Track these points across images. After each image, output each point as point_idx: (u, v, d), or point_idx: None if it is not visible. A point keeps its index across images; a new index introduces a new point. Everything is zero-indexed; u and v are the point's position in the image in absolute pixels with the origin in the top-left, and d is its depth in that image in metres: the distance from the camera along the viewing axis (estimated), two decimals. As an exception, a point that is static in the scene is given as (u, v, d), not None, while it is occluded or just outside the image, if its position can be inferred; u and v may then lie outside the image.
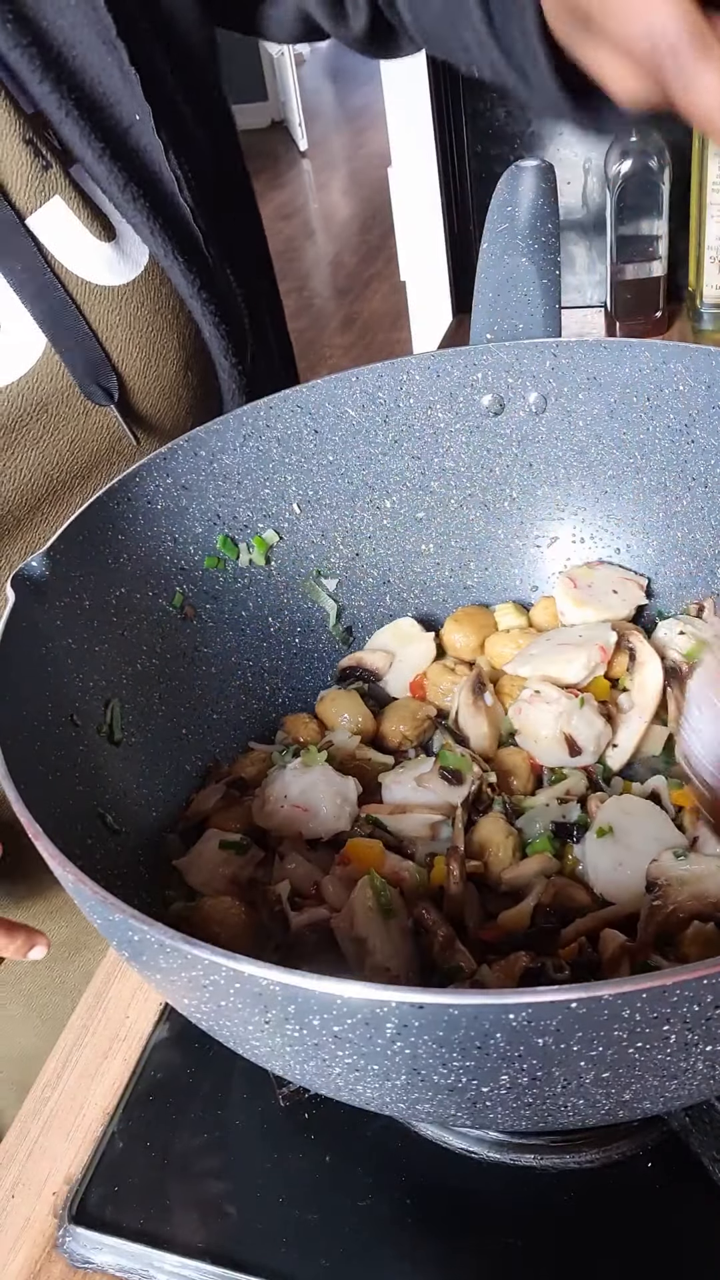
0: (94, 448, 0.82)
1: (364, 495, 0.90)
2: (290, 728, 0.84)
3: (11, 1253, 0.67)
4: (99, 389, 0.79)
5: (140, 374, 0.82)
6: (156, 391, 0.84)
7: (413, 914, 0.64)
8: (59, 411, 0.79)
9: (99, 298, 0.79)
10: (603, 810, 0.71)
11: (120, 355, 0.81)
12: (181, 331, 0.85)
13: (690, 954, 0.61)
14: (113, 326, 0.80)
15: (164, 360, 0.84)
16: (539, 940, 0.66)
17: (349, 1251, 0.63)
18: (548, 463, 0.91)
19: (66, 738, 0.67)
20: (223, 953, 0.43)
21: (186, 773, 0.80)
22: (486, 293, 0.86)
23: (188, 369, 0.86)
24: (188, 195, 0.83)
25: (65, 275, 0.78)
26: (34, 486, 0.80)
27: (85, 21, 0.76)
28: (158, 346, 0.83)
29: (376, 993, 0.40)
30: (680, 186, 1.39)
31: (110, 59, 0.77)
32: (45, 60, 0.76)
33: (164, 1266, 0.64)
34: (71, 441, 0.81)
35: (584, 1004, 0.39)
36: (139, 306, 0.81)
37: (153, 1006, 0.78)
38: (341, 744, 0.80)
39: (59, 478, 0.81)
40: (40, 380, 0.77)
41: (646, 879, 0.66)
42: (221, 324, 0.87)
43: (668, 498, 0.88)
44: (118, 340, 0.80)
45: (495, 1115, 0.48)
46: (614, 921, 0.65)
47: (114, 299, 0.80)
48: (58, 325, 0.77)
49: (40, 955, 0.74)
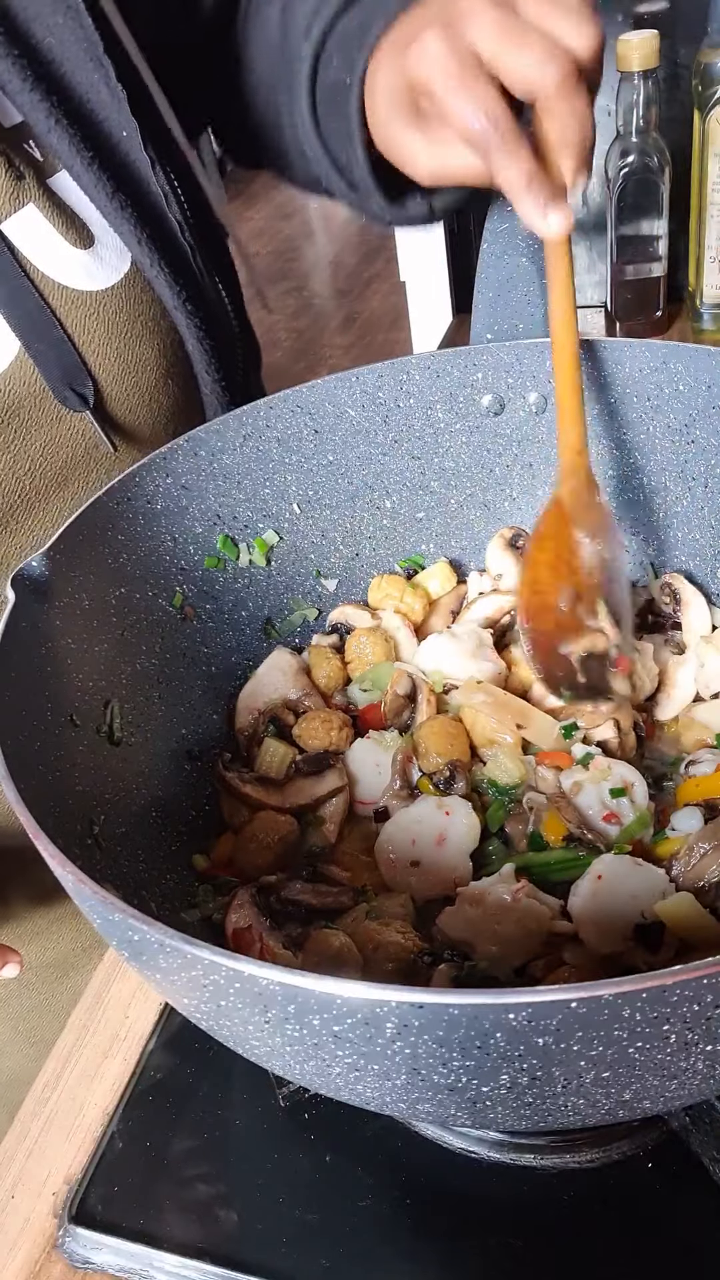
0: (68, 454, 0.81)
1: (364, 495, 0.90)
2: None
3: (11, 1253, 0.67)
4: (73, 394, 0.78)
5: (118, 380, 0.81)
6: (135, 399, 0.83)
7: None
8: (31, 416, 0.78)
9: (76, 303, 0.79)
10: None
11: (97, 361, 0.80)
12: (162, 340, 0.84)
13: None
14: (90, 331, 0.79)
15: (143, 368, 0.83)
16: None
17: (349, 1251, 0.63)
18: (548, 463, 0.91)
19: (66, 738, 0.67)
20: (223, 952, 0.43)
21: (186, 772, 0.80)
22: (486, 293, 0.86)
23: (168, 378, 0.85)
24: (175, 210, 0.83)
25: (41, 280, 0.77)
26: (6, 492, 0.78)
27: (73, 39, 0.76)
28: (137, 353, 0.82)
29: (376, 992, 0.40)
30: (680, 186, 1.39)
31: (97, 75, 0.78)
32: (35, 71, 0.76)
33: (164, 1266, 0.64)
34: (44, 447, 0.79)
35: (584, 1004, 0.39)
36: (117, 313, 0.81)
37: (153, 1006, 0.78)
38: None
39: (32, 484, 0.79)
40: (13, 384, 0.76)
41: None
42: (206, 338, 0.86)
43: (668, 498, 0.88)
44: (95, 345, 0.80)
45: (495, 1115, 0.48)
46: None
47: (92, 304, 0.79)
48: (31, 329, 0.76)
49: (14, 974, 0.74)
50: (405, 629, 0.88)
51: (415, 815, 0.74)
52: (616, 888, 0.66)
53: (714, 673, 0.83)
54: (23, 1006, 0.98)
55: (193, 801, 0.79)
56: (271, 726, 0.82)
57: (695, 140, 1.32)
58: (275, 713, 0.83)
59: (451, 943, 0.67)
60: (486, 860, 0.74)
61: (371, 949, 0.66)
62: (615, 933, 0.65)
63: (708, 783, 0.74)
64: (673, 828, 0.72)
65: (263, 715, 0.83)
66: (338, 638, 0.89)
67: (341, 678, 0.87)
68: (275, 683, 0.84)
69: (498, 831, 0.75)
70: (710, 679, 0.83)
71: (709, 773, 0.75)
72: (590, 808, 0.72)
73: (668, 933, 0.65)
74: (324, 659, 0.86)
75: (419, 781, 0.78)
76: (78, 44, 0.77)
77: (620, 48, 1.29)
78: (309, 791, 0.78)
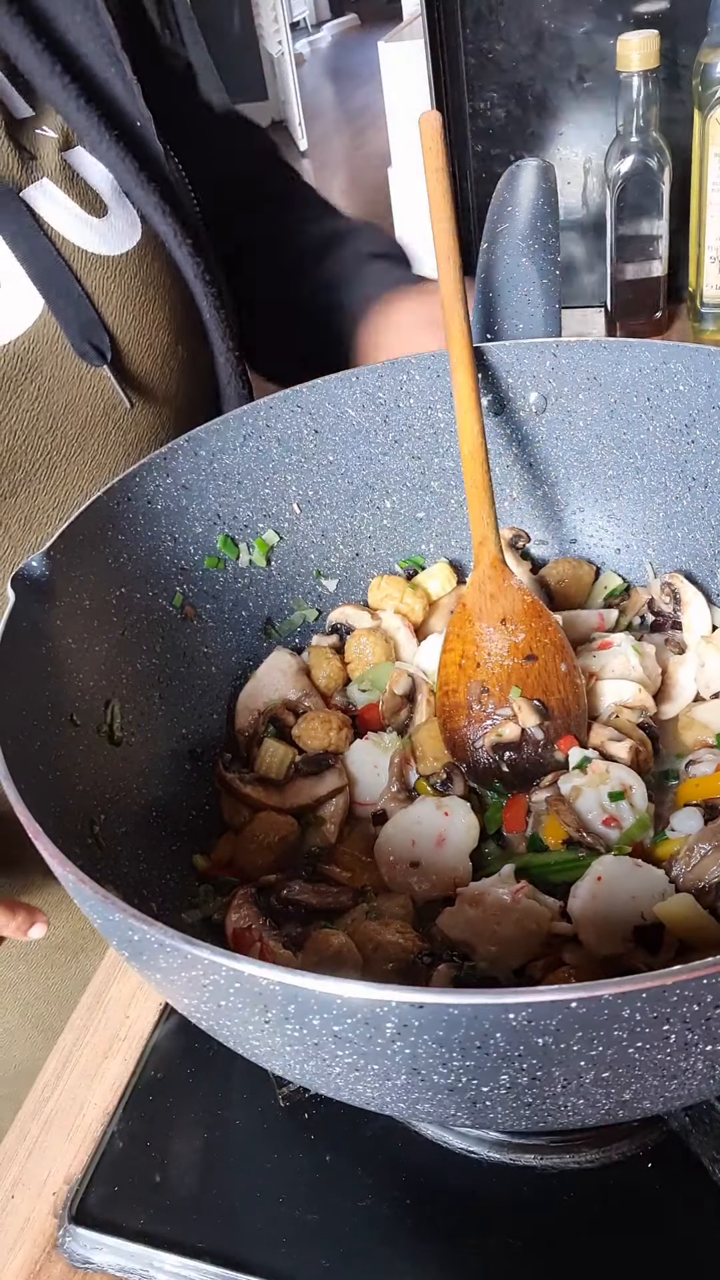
0: (88, 412, 0.83)
1: (364, 495, 0.90)
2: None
3: (11, 1253, 0.67)
4: (91, 349, 0.81)
5: (134, 340, 0.85)
6: (149, 359, 0.86)
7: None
8: (54, 374, 0.81)
9: (93, 264, 0.82)
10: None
11: (114, 320, 0.83)
12: (173, 305, 0.88)
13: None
14: (107, 292, 0.83)
15: (157, 329, 0.86)
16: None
17: (349, 1251, 0.63)
18: (548, 463, 0.91)
19: (66, 738, 0.67)
20: (223, 952, 0.43)
21: (186, 772, 0.80)
22: (486, 293, 0.86)
23: (179, 341, 0.89)
24: (186, 195, 0.88)
25: (60, 242, 0.81)
26: (28, 447, 0.81)
27: (90, 35, 0.83)
28: (151, 315, 0.86)
29: (376, 992, 0.40)
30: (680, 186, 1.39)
31: (114, 70, 0.84)
32: (59, 61, 0.82)
33: (164, 1266, 0.64)
34: (66, 405, 0.82)
35: (584, 1004, 0.39)
36: (132, 277, 0.84)
37: (153, 1006, 0.78)
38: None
39: (53, 442, 0.82)
40: (36, 341, 0.79)
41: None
42: (222, 308, 0.90)
43: (668, 498, 0.88)
44: (112, 306, 0.83)
45: (495, 1115, 0.48)
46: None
47: (107, 267, 0.83)
48: (52, 285, 0.79)
49: (40, 934, 0.74)
50: (405, 629, 0.88)
51: (415, 816, 0.74)
52: (616, 889, 0.66)
53: (714, 673, 0.83)
54: (31, 993, 0.99)
55: (193, 802, 0.79)
56: (271, 727, 0.82)
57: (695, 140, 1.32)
58: (275, 713, 0.83)
59: (451, 943, 0.67)
60: (485, 861, 0.74)
61: (371, 949, 0.66)
62: (615, 934, 0.65)
63: (708, 783, 0.74)
64: (672, 828, 0.72)
65: (263, 715, 0.83)
66: (338, 638, 0.89)
67: (341, 678, 0.87)
68: (275, 683, 0.85)
69: (495, 833, 0.75)
70: (710, 679, 0.83)
71: (709, 773, 0.75)
72: (589, 811, 0.72)
73: (668, 934, 0.64)
74: (324, 659, 0.86)
75: (416, 784, 0.78)
76: (95, 40, 0.84)
77: (620, 48, 1.29)
78: (309, 792, 0.78)
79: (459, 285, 0.81)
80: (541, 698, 0.76)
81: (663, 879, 0.67)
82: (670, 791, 0.77)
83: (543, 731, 0.75)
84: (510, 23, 1.43)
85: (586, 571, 0.92)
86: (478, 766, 0.76)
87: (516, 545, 0.92)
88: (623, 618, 0.89)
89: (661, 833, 0.73)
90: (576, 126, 1.51)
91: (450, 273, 0.81)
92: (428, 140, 0.82)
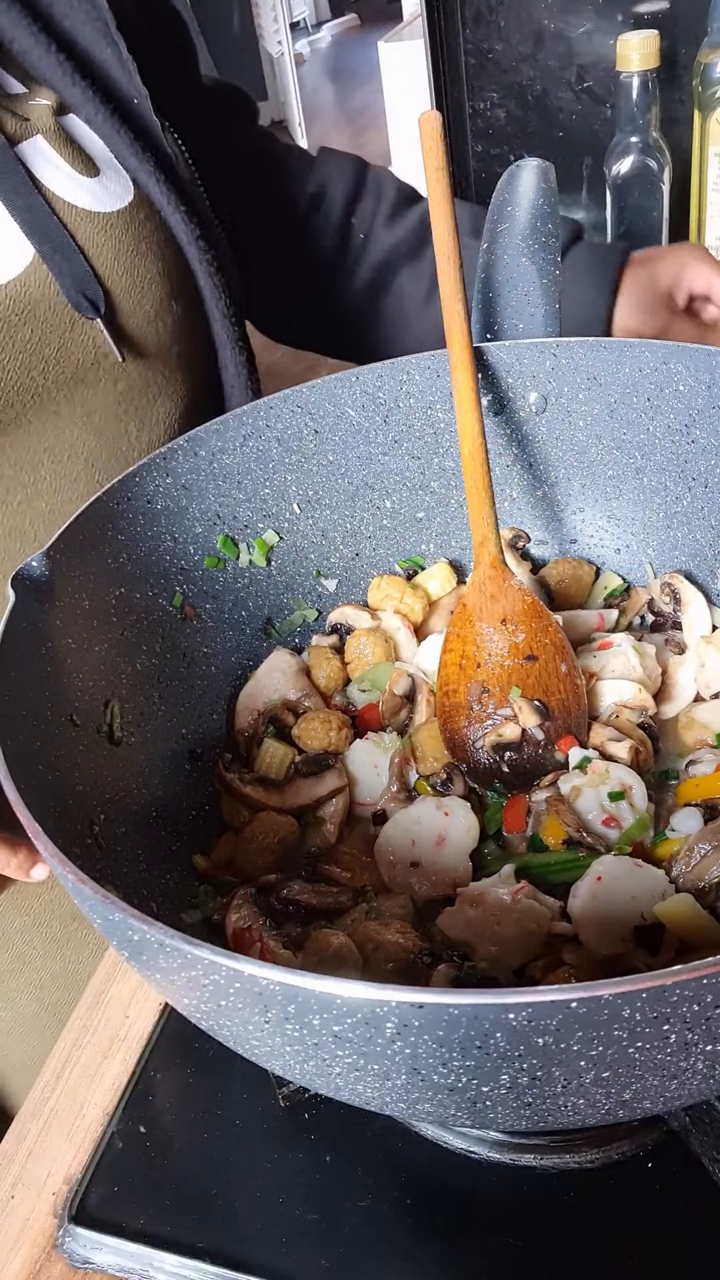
0: (79, 359, 0.84)
1: (364, 495, 0.90)
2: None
3: (11, 1253, 0.67)
4: (85, 300, 0.82)
5: (126, 294, 0.86)
6: (141, 314, 0.87)
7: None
8: (46, 319, 0.82)
9: (86, 220, 0.83)
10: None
11: (107, 274, 0.84)
12: (166, 263, 0.89)
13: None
14: (100, 246, 0.84)
15: (149, 284, 0.87)
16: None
17: (349, 1251, 0.63)
18: (548, 463, 0.91)
19: (66, 738, 0.67)
20: (223, 952, 0.43)
21: (186, 772, 0.80)
22: (486, 293, 0.86)
23: (173, 298, 0.90)
24: (184, 169, 0.90)
25: (52, 198, 0.82)
26: (20, 389, 0.82)
27: (86, 18, 0.86)
28: (143, 271, 0.87)
29: (376, 992, 0.40)
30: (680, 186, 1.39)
31: (110, 51, 0.86)
32: (55, 41, 0.85)
33: (164, 1266, 0.64)
34: (58, 350, 0.83)
35: (584, 1004, 0.39)
36: (124, 232, 0.85)
37: (153, 1006, 0.78)
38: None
39: (44, 386, 0.83)
40: (28, 286, 0.80)
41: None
42: (218, 274, 0.92)
43: (668, 498, 0.88)
44: (105, 260, 0.84)
45: (495, 1115, 0.48)
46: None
47: (100, 223, 0.84)
48: (44, 236, 0.81)
49: (42, 875, 0.74)
50: (405, 629, 0.88)
51: (415, 816, 0.74)
52: (616, 889, 0.66)
53: (714, 673, 0.83)
54: (47, 971, 0.99)
55: (193, 802, 0.79)
56: (271, 727, 0.82)
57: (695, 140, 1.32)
58: (275, 713, 0.83)
59: (451, 943, 0.67)
60: (485, 861, 0.74)
61: (371, 949, 0.66)
62: (615, 934, 0.65)
63: (708, 783, 0.74)
64: (672, 828, 0.72)
65: (262, 716, 0.83)
66: (337, 638, 0.89)
67: (341, 678, 0.87)
68: (275, 683, 0.85)
69: (495, 834, 0.75)
70: (710, 679, 0.83)
71: (709, 773, 0.75)
72: (589, 812, 0.72)
73: (667, 934, 0.64)
74: (324, 659, 0.86)
75: (416, 784, 0.78)
76: (91, 23, 0.86)
77: (620, 48, 1.29)
78: (309, 792, 0.78)
79: (459, 285, 0.81)
80: (542, 698, 0.76)
81: (663, 879, 0.67)
82: (670, 791, 0.77)
83: (543, 732, 0.75)
84: (510, 23, 1.43)
85: (586, 572, 0.92)
86: (478, 767, 0.76)
87: (516, 545, 0.92)
88: (623, 618, 0.89)
89: (661, 833, 0.73)
90: (576, 127, 1.51)
91: (450, 273, 0.81)
92: (428, 140, 0.83)
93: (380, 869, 0.74)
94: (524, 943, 0.65)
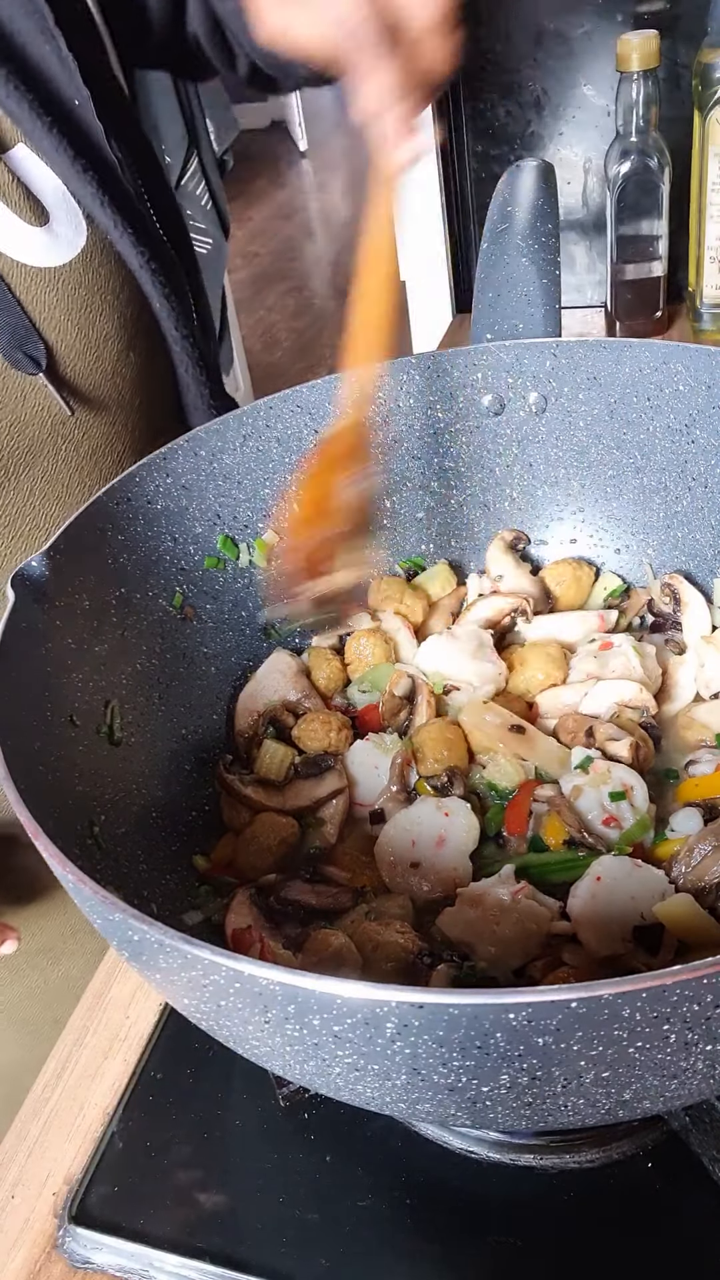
0: (35, 431, 0.82)
1: (364, 495, 0.90)
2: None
3: (11, 1253, 0.67)
4: (25, 357, 0.80)
5: (80, 354, 0.83)
6: (99, 372, 0.85)
7: None
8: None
9: (31, 278, 0.81)
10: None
11: (57, 334, 0.82)
12: (123, 312, 0.86)
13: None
14: (49, 306, 0.81)
15: (104, 341, 0.85)
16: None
17: (349, 1251, 0.63)
18: (548, 463, 0.91)
19: (66, 738, 0.67)
20: (223, 952, 0.43)
21: (186, 773, 0.80)
22: (486, 293, 0.86)
23: (130, 350, 0.87)
24: (128, 177, 0.85)
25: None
26: None
27: (23, 12, 0.80)
28: (98, 328, 0.84)
29: (376, 993, 0.40)
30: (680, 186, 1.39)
31: (48, 47, 0.81)
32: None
33: (164, 1266, 0.64)
34: (11, 425, 0.81)
35: (584, 1004, 0.39)
36: (75, 288, 0.83)
37: (153, 1006, 0.78)
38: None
39: (2, 461, 0.81)
40: None
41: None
42: (173, 295, 0.88)
43: (668, 498, 0.88)
44: (53, 318, 0.81)
45: (495, 1115, 0.48)
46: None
47: (48, 280, 0.81)
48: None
49: (11, 950, 0.73)
50: (405, 630, 0.88)
51: (415, 816, 0.74)
52: (615, 889, 0.66)
53: (714, 673, 0.83)
54: (15, 994, 0.98)
55: (193, 802, 0.79)
56: (271, 728, 0.82)
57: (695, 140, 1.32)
58: (275, 714, 0.83)
59: (451, 943, 0.67)
60: (485, 862, 0.74)
61: (371, 949, 0.66)
62: (614, 934, 0.65)
63: (708, 783, 0.74)
64: (672, 829, 0.72)
65: (262, 717, 0.83)
66: (337, 639, 0.89)
67: (341, 679, 0.87)
68: (275, 684, 0.85)
69: (495, 834, 0.75)
70: (710, 679, 0.83)
71: (709, 773, 0.75)
72: (590, 811, 0.72)
73: (667, 934, 0.64)
74: (324, 660, 0.86)
75: (416, 784, 0.78)
76: (28, 17, 0.80)
77: (620, 48, 1.29)
78: (309, 793, 0.78)
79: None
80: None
81: (662, 879, 0.67)
82: (670, 791, 0.77)
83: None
84: (510, 23, 1.43)
85: (586, 573, 0.92)
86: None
87: (516, 546, 0.92)
88: (623, 618, 0.89)
89: (661, 833, 0.73)
90: (576, 126, 1.51)
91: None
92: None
93: (380, 869, 0.74)
94: (524, 943, 0.65)
